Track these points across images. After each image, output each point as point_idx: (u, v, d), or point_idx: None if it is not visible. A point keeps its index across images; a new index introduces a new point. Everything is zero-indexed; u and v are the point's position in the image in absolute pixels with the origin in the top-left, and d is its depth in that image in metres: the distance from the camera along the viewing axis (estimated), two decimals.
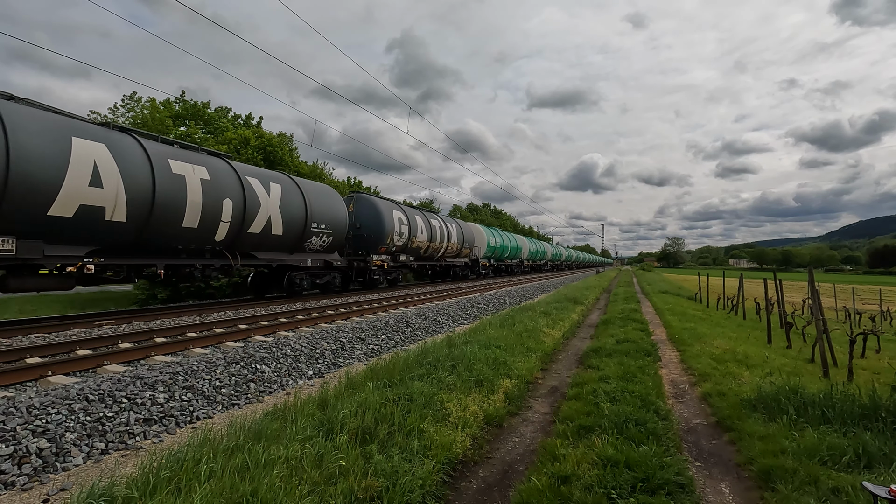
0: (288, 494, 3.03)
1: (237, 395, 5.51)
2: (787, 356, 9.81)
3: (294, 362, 6.79)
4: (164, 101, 26.63)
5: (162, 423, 4.57)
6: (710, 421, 5.39)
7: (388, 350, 8.56)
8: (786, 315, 12.60)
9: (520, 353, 8.08)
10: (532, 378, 7.17)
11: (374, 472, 3.48)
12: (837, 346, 9.82)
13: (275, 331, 9.02)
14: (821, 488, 3.47)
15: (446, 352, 7.19)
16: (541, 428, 5.18)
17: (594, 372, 7.08)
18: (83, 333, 8.40)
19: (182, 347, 7.34)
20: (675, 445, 4.46)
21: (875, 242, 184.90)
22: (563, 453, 4.10)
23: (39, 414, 4.07)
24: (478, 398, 5.60)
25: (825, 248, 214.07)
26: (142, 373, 5.39)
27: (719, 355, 8.56)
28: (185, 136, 25.44)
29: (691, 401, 6.19)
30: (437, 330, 10.89)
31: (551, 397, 6.34)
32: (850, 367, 7.74)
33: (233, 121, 29.23)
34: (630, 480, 3.57)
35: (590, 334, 11.65)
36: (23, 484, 3.36)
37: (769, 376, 6.23)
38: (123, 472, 3.54)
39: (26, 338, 7.85)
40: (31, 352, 6.65)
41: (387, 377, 5.71)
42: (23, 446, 3.63)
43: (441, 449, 4.07)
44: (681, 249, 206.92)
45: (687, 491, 3.59)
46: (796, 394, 5.20)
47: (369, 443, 3.96)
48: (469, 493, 3.76)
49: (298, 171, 25.42)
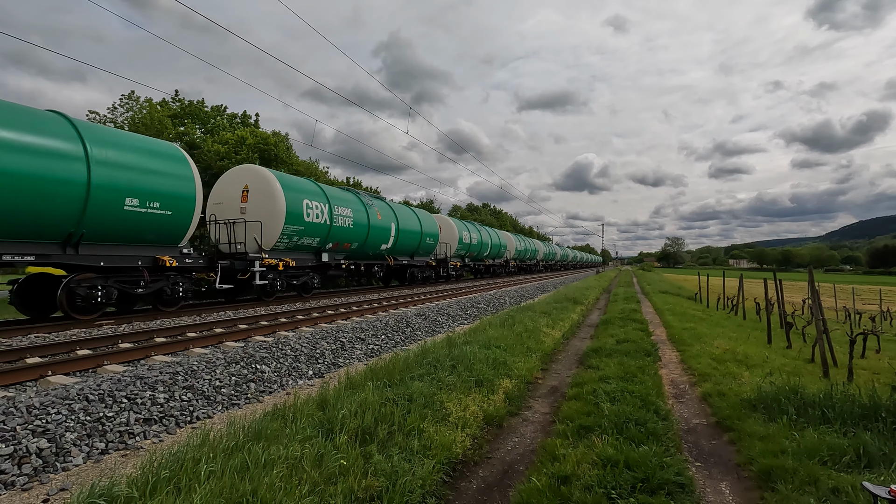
0: (288, 494, 3.03)
1: (237, 395, 5.51)
2: (788, 356, 9.82)
3: (294, 362, 6.79)
4: (161, 102, 26.62)
5: (162, 423, 4.57)
6: (710, 421, 5.39)
7: (388, 350, 8.56)
8: (786, 315, 12.61)
9: (520, 353, 8.08)
10: (532, 378, 7.17)
11: (373, 472, 3.48)
12: (837, 346, 9.82)
13: (275, 331, 9.02)
14: (821, 488, 3.46)
15: (446, 352, 7.19)
16: (541, 428, 5.18)
17: (594, 372, 7.07)
18: (83, 333, 8.40)
19: (182, 347, 7.34)
20: (675, 445, 4.46)
21: (875, 242, 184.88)
22: (563, 453, 4.10)
23: (39, 414, 4.07)
24: (478, 398, 5.60)
25: (825, 249, 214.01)
26: (142, 373, 5.38)
27: (719, 355, 8.56)
28: (183, 135, 25.41)
29: (691, 401, 6.19)
30: (437, 330, 10.89)
31: (551, 397, 6.34)
32: (850, 367, 7.74)
33: (230, 119, 29.21)
34: (630, 480, 3.57)
35: (590, 334, 11.65)
36: (23, 484, 3.35)
37: (769, 376, 6.23)
38: (123, 471, 3.53)
39: (26, 338, 7.85)
40: (31, 352, 6.65)
41: (387, 377, 5.71)
42: (23, 446, 3.63)
43: (441, 449, 4.07)
44: (681, 249, 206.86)
45: (687, 491, 3.59)
46: (796, 394, 5.20)
47: (369, 443, 3.96)
48: (469, 493, 3.76)
49: (297, 171, 25.40)
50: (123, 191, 9.58)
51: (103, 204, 9.21)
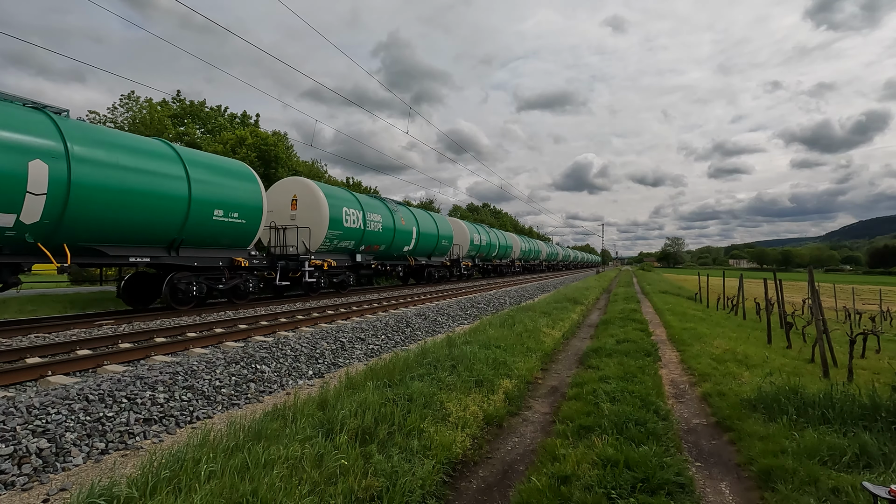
0: (288, 494, 3.03)
1: (237, 395, 5.51)
2: (787, 356, 9.82)
3: (294, 362, 6.79)
4: (161, 102, 26.61)
5: (162, 423, 4.57)
6: (710, 421, 5.39)
7: (388, 350, 8.56)
8: (786, 315, 12.61)
9: (520, 353, 8.08)
10: (532, 378, 7.17)
11: (373, 472, 3.48)
12: (837, 346, 9.82)
13: (275, 331, 9.03)
14: (821, 488, 3.47)
15: (446, 352, 7.19)
16: (541, 428, 5.18)
17: (594, 372, 7.07)
18: (83, 333, 8.41)
19: (182, 347, 7.34)
20: (675, 445, 4.46)
21: (875, 242, 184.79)
22: (563, 453, 4.10)
23: (39, 414, 4.07)
24: (478, 398, 5.60)
25: (825, 248, 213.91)
26: (142, 373, 5.38)
27: (719, 355, 8.55)
28: (183, 135, 25.41)
29: (691, 401, 6.19)
30: (437, 330, 10.89)
31: (551, 397, 6.34)
32: (850, 367, 7.74)
33: (230, 119, 29.21)
34: (630, 480, 3.57)
35: (590, 334, 11.65)
36: (23, 484, 3.35)
37: (769, 376, 6.23)
38: (123, 471, 3.54)
39: (26, 338, 7.85)
40: (31, 352, 6.65)
41: (387, 377, 5.70)
42: (23, 446, 3.63)
43: (441, 449, 4.07)
44: (681, 249, 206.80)
45: (687, 491, 3.59)
46: (796, 394, 5.20)
47: (369, 443, 3.96)
48: (469, 493, 3.76)
49: (296, 171, 25.38)
50: (212, 203, 11.54)
51: (198, 215, 11.17)
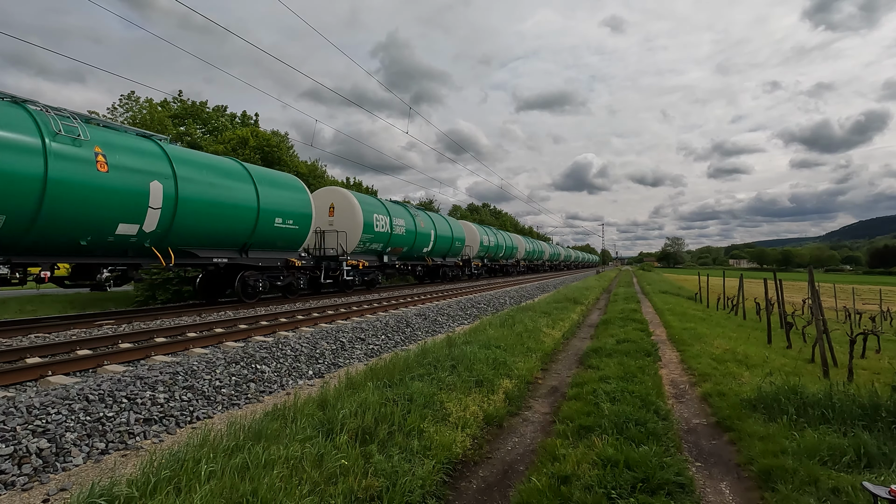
0: (288, 494, 3.03)
1: (237, 395, 5.51)
2: (788, 356, 9.82)
3: (294, 362, 6.79)
4: (162, 102, 26.63)
5: (162, 423, 4.57)
6: (710, 421, 5.39)
7: (388, 350, 8.56)
8: (786, 315, 12.61)
9: (520, 353, 8.08)
10: (532, 378, 7.17)
11: (374, 472, 3.48)
12: (837, 346, 9.82)
13: (275, 331, 9.02)
14: (821, 488, 3.47)
15: (446, 352, 7.19)
16: (541, 428, 5.18)
17: (594, 372, 7.07)
18: (83, 333, 8.41)
19: (182, 347, 7.34)
20: (675, 445, 4.46)
21: (875, 242, 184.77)
22: (563, 453, 4.10)
23: (39, 414, 4.07)
24: (478, 398, 5.60)
25: (825, 248, 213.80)
26: (142, 373, 5.38)
27: (719, 355, 8.56)
28: (184, 135, 25.41)
29: (691, 401, 6.19)
30: (437, 330, 10.89)
31: (551, 397, 6.34)
32: (850, 367, 7.74)
33: (230, 119, 29.22)
34: (630, 480, 3.57)
35: (590, 334, 11.65)
36: (23, 484, 3.35)
37: (769, 376, 6.22)
38: (123, 471, 3.53)
39: (26, 338, 7.85)
40: (31, 352, 6.65)
41: (387, 377, 5.71)
42: (23, 446, 3.63)
43: (441, 449, 4.07)
44: (681, 249, 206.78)
45: (687, 491, 3.59)
46: (796, 394, 5.20)
47: (369, 443, 3.96)
48: (469, 493, 3.76)
49: (297, 171, 25.38)
50: (274, 212, 13.26)
51: (264, 222, 12.93)
